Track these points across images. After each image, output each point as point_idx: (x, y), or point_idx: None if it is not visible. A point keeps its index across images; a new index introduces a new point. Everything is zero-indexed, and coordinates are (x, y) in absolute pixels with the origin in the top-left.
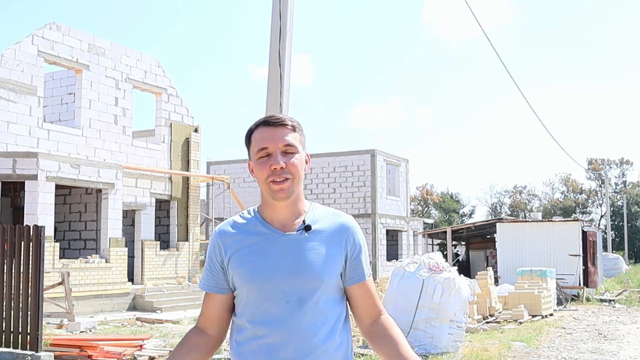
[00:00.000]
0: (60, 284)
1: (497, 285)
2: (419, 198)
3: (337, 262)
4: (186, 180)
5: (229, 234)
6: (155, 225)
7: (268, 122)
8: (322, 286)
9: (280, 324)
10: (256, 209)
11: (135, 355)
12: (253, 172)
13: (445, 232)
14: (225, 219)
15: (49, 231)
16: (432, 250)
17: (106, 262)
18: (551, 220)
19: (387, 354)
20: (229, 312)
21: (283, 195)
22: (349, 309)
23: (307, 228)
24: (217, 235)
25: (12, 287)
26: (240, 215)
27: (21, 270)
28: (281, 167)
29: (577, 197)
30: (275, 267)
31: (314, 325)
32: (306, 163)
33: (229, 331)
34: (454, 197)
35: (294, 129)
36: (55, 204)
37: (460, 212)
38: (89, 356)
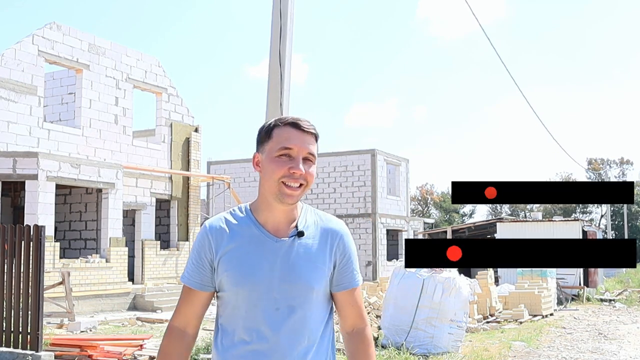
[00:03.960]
0: (60, 283)
1: (497, 285)
2: (419, 198)
3: (326, 269)
4: (186, 180)
5: (220, 232)
6: (156, 225)
7: (299, 126)
8: (312, 294)
9: (269, 330)
10: (248, 208)
11: (136, 355)
12: (259, 165)
13: (446, 232)
14: None
15: (50, 231)
16: None
17: (106, 261)
18: (551, 220)
19: None
20: (206, 309)
21: (292, 201)
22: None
23: (300, 234)
24: (207, 231)
25: (13, 287)
26: (231, 213)
27: (21, 270)
28: (301, 174)
29: None
30: (266, 274)
31: (303, 332)
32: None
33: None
34: None
35: (316, 140)
36: (56, 204)
37: (461, 211)
38: (90, 356)
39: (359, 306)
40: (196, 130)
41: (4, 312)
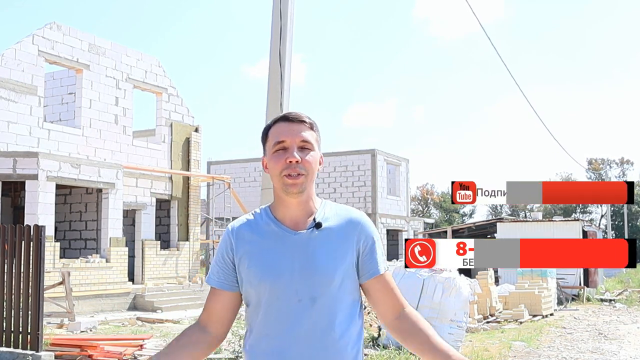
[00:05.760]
0: (60, 283)
1: (497, 285)
2: (419, 198)
3: (348, 259)
4: (186, 180)
5: (241, 232)
6: (156, 225)
7: (287, 118)
8: (334, 284)
9: (292, 323)
10: (268, 208)
11: (136, 355)
12: (267, 167)
13: (446, 232)
14: (226, 218)
15: (50, 231)
16: None
17: (107, 261)
18: (552, 220)
19: (420, 349)
20: (233, 312)
21: (295, 190)
22: (369, 305)
23: (318, 226)
24: (229, 232)
25: (13, 287)
26: (253, 214)
27: (22, 270)
28: (297, 161)
29: None
30: (286, 266)
31: (327, 324)
32: (320, 164)
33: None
34: None
35: (311, 127)
36: (56, 204)
37: (461, 211)
38: (90, 356)
39: (394, 292)
40: (196, 130)
41: (4, 312)
